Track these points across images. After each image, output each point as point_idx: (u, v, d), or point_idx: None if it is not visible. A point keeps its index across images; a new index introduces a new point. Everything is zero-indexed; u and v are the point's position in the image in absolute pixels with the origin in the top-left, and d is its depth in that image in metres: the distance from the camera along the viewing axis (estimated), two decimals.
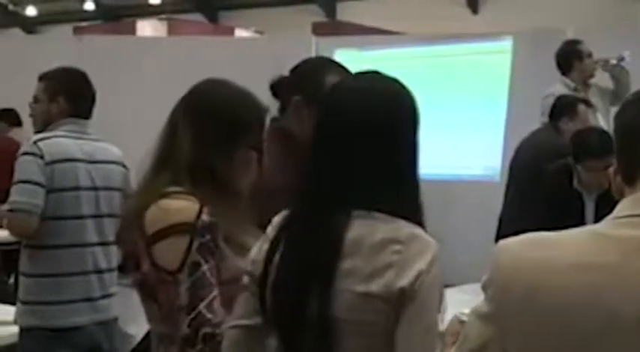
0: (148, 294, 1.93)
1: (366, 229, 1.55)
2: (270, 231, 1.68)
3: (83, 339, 3.19)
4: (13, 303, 3.46)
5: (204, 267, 1.84)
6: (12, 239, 3.74)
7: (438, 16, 16.65)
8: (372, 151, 1.59)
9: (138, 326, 3.52)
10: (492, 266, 1.28)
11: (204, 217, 1.86)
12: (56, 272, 3.16)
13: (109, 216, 3.29)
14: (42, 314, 3.14)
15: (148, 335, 3.52)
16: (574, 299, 1.17)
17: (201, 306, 1.81)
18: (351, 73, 1.71)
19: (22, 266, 3.22)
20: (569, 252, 1.21)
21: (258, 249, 1.68)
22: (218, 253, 1.88)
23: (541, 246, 1.25)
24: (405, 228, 1.56)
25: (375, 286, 1.51)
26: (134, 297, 3.63)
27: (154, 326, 2.00)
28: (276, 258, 1.62)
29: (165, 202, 1.88)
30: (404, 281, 1.51)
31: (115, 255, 3.32)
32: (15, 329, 3.21)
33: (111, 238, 3.29)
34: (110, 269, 3.30)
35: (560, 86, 5.42)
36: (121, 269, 3.40)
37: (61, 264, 3.17)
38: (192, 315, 1.80)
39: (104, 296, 3.27)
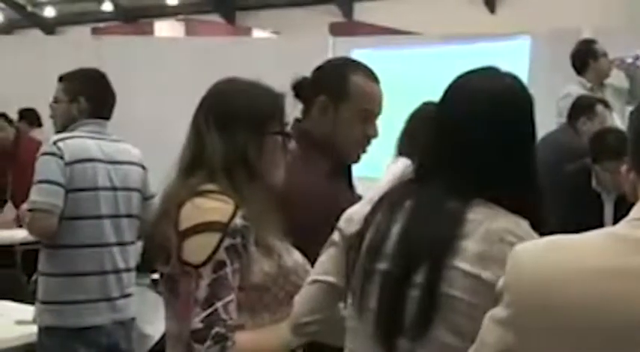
0: (171, 289, 1.95)
1: (484, 215, 1.57)
2: (375, 196, 1.70)
3: (101, 338, 3.21)
4: (32, 303, 3.48)
5: (228, 269, 1.84)
6: (31, 239, 3.77)
7: (455, 15, 16.60)
8: (499, 143, 1.63)
9: (155, 326, 3.54)
10: (509, 270, 1.27)
11: (238, 219, 1.87)
12: (75, 272, 3.18)
13: (127, 216, 3.31)
14: (60, 313, 3.15)
15: (165, 335, 3.55)
16: (594, 304, 1.16)
17: (219, 305, 1.80)
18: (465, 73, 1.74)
19: (41, 266, 3.24)
20: (589, 255, 1.20)
21: (359, 211, 1.71)
22: (247, 257, 1.89)
23: (560, 249, 1.24)
24: (524, 225, 1.59)
25: (489, 273, 1.52)
26: (151, 298, 3.66)
27: (171, 325, 2.00)
28: (376, 220, 1.64)
29: (200, 200, 1.89)
30: None
31: (132, 255, 3.34)
32: (34, 328, 3.23)
33: (128, 239, 3.31)
34: (128, 270, 3.32)
35: (576, 86, 5.40)
36: (139, 269, 3.42)
37: (79, 264, 3.18)
38: (209, 311, 1.79)
39: (122, 296, 3.28)
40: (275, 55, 7.75)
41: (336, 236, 1.76)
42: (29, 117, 7.02)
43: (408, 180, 1.71)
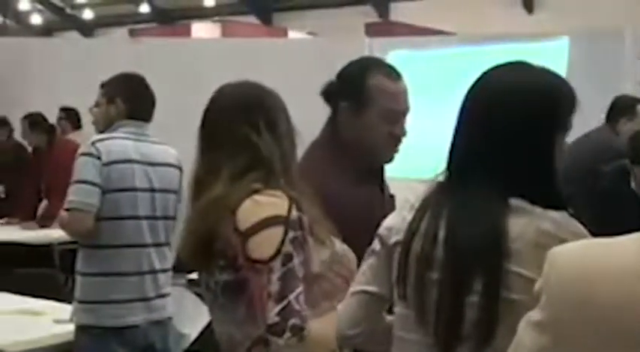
0: (235, 292, 1.95)
1: (526, 219, 1.55)
2: (413, 200, 1.67)
3: (138, 338, 3.23)
4: (69, 302, 3.52)
5: (295, 261, 1.88)
6: (69, 238, 3.80)
7: (492, 16, 16.52)
8: (530, 140, 1.60)
9: (191, 326, 3.56)
10: (546, 273, 1.26)
11: (294, 212, 1.90)
12: (112, 272, 3.20)
13: (164, 218, 3.32)
14: (97, 313, 3.18)
15: (201, 335, 3.57)
16: (631, 307, 1.14)
17: (291, 297, 1.84)
18: (500, 65, 1.71)
19: (79, 266, 3.26)
20: (628, 258, 1.18)
21: (397, 216, 1.69)
22: (307, 248, 1.92)
23: (598, 252, 1.22)
24: (568, 222, 1.57)
25: None
26: (188, 297, 3.68)
27: (230, 330, 2.00)
28: (421, 229, 1.61)
29: (256, 198, 1.92)
30: None
31: (168, 255, 3.36)
32: (71, 326, 3.27)
33: (164, 240, 3.33)
34: (164, 270, 3.34)
35: None
36: (175, 269, 3.44)
37: (116, 264, 3.20)
38: (283, 304, 1.82)
39: (159, 296, 3.30)
40: (311, 56, 7.76)
41: (376, 245, 1.73)
42: (70, 117, 7.10)
43: (442, 182, 1.67)
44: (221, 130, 2.04)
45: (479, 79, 1.69)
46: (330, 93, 2.38)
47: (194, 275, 4.59)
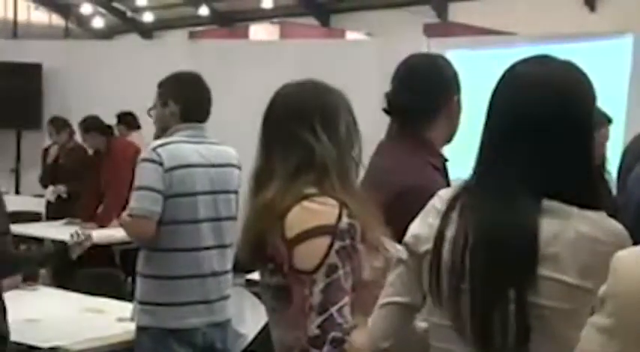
0: (281, 298, 1.94)
1: (561, 221, 1.50)
2: (438, 205, 1.62)
3: (197, 339, 3.25)
4: (131, 300, 3.57)
5: (341, 272, 1.84)
6: (130, 239, 3.85)
7: (553, 14, 16.28)
8: (560, 140, 1.55)
9: (249, 326, 3.57)
10: (611, 278, 1.23)
11: (345, 219, 1.86)
12: (171, 275, 3.22)
13: (228, 219, 3.34)
14: (157, 314, 3.21)
15: (259, 335, 3.58)
16: None
17: (333, 310, 1.81)
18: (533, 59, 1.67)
19: (139, 267, 3.30)
20: None
21: (424, 223, 1.63)
22: (357, 257, 1.88)
23: None
24: (605, 222, 1.51)
25: (591, 281, 1.45)
26: (246, 297, 3.69)
27: (280, 334, 2.00)
28: (449, 236, 1.56)
29: (306, 204, 1.89)
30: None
31: (230, 257, 3.37)
32: (132, 325, 3.31)
33: (228, 241, 3.34)
34: (226, 272, 3.35)
35: None
36: (234, 269, 3.45)
37: (176, 267, 3.23)
38: (324, 317, 1.80)
39: (220, 299, 3.32)
40: (369, 56, 7.75)
41: (403, 254, 1.67)
42: (127, 120, 7.20)
43: (469, 184, 1.62)
44: (275, 129, 2.02)
45: (505, 75, 1.63)
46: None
47: (253, 275, 4.62)
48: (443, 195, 1.64)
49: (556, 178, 1.53)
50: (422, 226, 1.64)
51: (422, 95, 2.35)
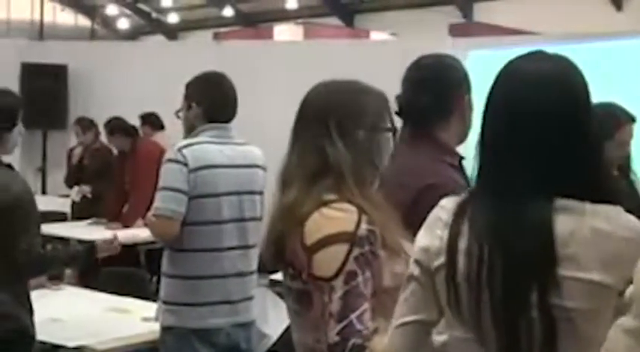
0: (305, 303, 1.93)
1: (576, 218, 1.47)
2: (444, 216, 1.58)
3: (221, 339, 3.25)
4: (154, 300, 3.58)
5: (360, 278, 1.82)
6: (154, 239, 3.86)
7: (578, 13, 16.17)
8: (563, 137, 1.52)
9: (274, 326, 3.57)
10: (637, 280, 1.22)
11: (364, 225, 1.85)
12: (195, 275, 3.23)
13: (252, 219, 3.34)
14: (181, 314, 3.21)
15: (282, 335, 3.58)
16: None
17: (353, 316, 1.79)
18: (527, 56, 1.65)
19: (164, 267, 3.31)
20: None
21: (431, 236, 1.59)
22: (377, 263, 1.86)
23: None
24: (620, 215, 1.49)
25: (611, 278, 1.44)
26: (270, 298, 3.69)
27: (301, 336, 2.00)
28: (462, 246, 1.52)
29: (324, 211, 1.87)
30: (632, 271, 1.41)
31: (255, 257, 3.37)
32: (156, 325, 3.32)
33: (252, 241, 3.34)
34: (251, 273, 3.35)
35: None
36: (258, 269, 3.45)
37: (199, 267, 3.23)
38: (344, 324, 1.78)
39: (244, 299, 3.32)
40: (394, 57, 7.72)
41: (414, 270, 1.62)
42: (151, 121, 7.23)
43: (473, 191, 1.58)
44: (299, 129, 2.00)
45: (501, 74, 1.60)
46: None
47: (276, 276, 4.62)
48: (446, 205, 1.60)
49: (564, 175, 1.50)
50: (430, 239, 1.59)
51: (434, 96, 2.36)
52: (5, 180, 2.88)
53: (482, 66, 2.47)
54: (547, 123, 1.51)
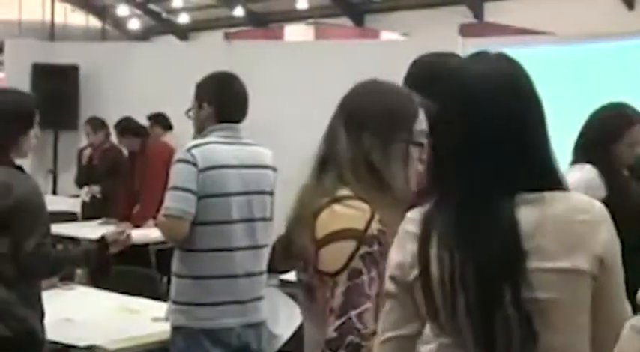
0: (309, 296, 1.95)
1: (538, 208, 1.50)
2: (412, 229, 1.59)
3: (232, 339, 3.26)
4: (165, 300, 3.58)
5: (365, 277, 1.82)
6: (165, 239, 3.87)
7: (590, 13, 16.12)
8: (512, 133, 1.54)
9: (284, 326, 3.57)
10: None
11: (375, 225, 1.85)
12: (204, 275, 3.24)
13: (262, 220, 3.34)
14: (191, 314, 3.22)
15: (293, 336, 3.58)
16: None
17: (353, 314, 1.79)
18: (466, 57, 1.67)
19: (174, 267, 3.32)
20: None
21: (403, 250, 1.60)
22: (384, 263, 1.82)
23: None
24: (577, 197, 1.54)
25: (579, 261, 1.47)
26: (280, 298, 3.70)
27: (309, 330, 2.01)
28: (433, 255, 1.54)
29: (336, 207, 1.88)
30: (599, 248, 1.48)
31: (265, 258, 3.37)
32: (167, 325, 3.32)
33: (262, 242, 3.35)
34: (260, 273, 3.35)
35: None
36: (268, 269, 3.46)
37: (209, 267, 3.24)
38: (342, 320, 1.78)
39: (254, 299, 3.32)
40: (404, 57, 7.71)
41: (390, 286, 1.63)
42: (158, 121, 7.24)
43: (436, 200, 1.58)
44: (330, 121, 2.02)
45: (446, 84, 1.63)
46: None
47: (287, 276, 4.62)
48: (413, 217, 1.61)
49: (520, 170, 1.53)
50: (403, 253, 1.60)
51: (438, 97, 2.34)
52: (10, 182, 2.87)
53: None
54: (493, 123, 1.54)
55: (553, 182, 1.54)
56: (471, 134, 1.55)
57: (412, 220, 1.61)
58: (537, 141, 1.56)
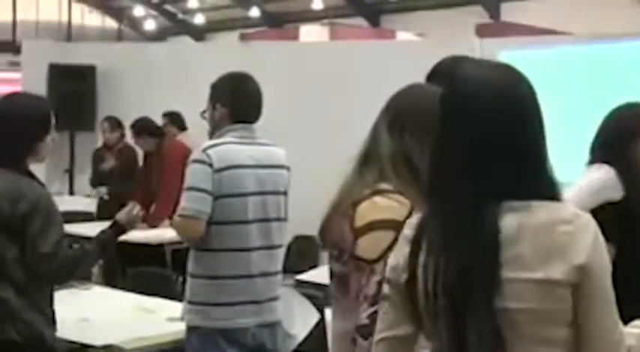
0: (340, 287, 1.98)
1: (521, 216, 1.49)
2: (408, 233, 1.62)
3: (247, 339, 3.26)
4: (180, 300, 3.59)
5: None
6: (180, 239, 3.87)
7: (607, 13, 16.04)
8: (507, 139, 1.54)
9: (299, 326, 3.57)
10: None
11: (414, 219, 1.87)
12: (220, 275, 3.24)
13: (277, 220, 3.34)
14: (206, 314, 3.22)
15: (309, 336, 3.58)
16: None
17: None
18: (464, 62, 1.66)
19: (189, 267, 3.32)
20: None
21: (398, 253, 1.63)
22: None
23: None
24: (564, 207, 1.52)
25: (558, 272, 1.46)
26: (296, 298, 3.70)
27: (337, 324, 2.03)
28: (421, 260, 1.56)
29: (377, 199, 1.94)
30: (580, 259, 1.46)
31: (281, 258, 3.37)
32: (182, 325, 3.33)
33: (277, 242, 3.35)
34: (276, 273, 3.36)
35: None
36: (284, 270, 3.46)
37: (224, 267, 3.24)
38: (375, 308, 1.80)
39: (270, 299, 3.32)
40: (420, 57, 7.68)
41: (385, 288, 1.66)
42: (175, 120, 7.25)
43: (430, 204, 1.61)
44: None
45: (441, 98, 1.63)
46: None
47: (302, 276, 4.61)
48: (412, 221, 1.64)
49: (511, 179, 1.52)
50: (397, 257, 1.63)
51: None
52: (22, 189, 2.85)
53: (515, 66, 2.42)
54: (489, 131, 1.54)
55: (546, 191, 1.53)
56: (463, 139, 1.56)
57: (410, 224, 1.64)
58: (532, 150, 1.55)
